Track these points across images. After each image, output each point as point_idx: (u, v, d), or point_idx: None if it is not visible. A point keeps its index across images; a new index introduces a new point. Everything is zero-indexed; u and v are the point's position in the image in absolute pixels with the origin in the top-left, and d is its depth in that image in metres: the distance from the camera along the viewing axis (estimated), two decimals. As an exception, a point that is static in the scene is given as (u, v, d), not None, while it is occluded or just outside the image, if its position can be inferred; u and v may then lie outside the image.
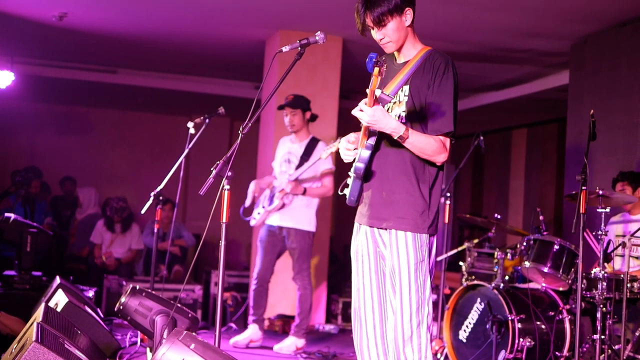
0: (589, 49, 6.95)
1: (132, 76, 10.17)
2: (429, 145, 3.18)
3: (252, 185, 6.23)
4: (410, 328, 3.21)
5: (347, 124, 3.59)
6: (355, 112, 3.12)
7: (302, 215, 6.04)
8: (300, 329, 6.05)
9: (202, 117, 5.47)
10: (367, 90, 3.07)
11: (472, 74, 9.00)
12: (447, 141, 3.24)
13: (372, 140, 3.23)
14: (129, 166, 12.13)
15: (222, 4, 6.82)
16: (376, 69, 2.98)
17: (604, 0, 6.11)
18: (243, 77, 10.14)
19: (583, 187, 4.41)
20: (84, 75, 9.91)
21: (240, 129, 3.31)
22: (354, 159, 3.26)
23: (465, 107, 10.54)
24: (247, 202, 6.21)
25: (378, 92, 3.16)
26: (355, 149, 3.27)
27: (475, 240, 6.28)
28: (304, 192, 5.97)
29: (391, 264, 3.26)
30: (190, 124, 5.51)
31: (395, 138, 3.14)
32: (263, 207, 6.11)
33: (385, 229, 3.28)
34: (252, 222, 6.23)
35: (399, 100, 3.29)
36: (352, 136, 3.33)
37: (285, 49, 3.33)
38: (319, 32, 3.30)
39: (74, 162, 11.42)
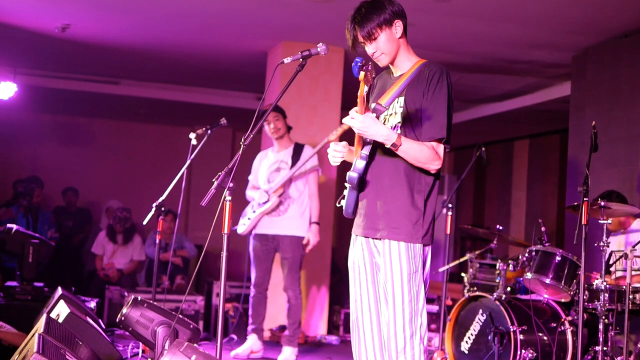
0: (590, 60, 6.96)
1: (134, 87, 10.19)
2: (422, 153, 3.16)
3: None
4: (403, 339, 3.19)
5: (349, 135, 3.60)
6: (346, 120, 3.13)
7: (295, 224, 6.02)
8: (294, 338, 6.05)
9: (204, 128, 5.47)
10: (358, 99, 3.08)
11: (475, 85, 9.01)
12: (441, 148, 3.22)
13: (366, 150, 3.22)
14: (131, 177, 12.13)
15: (225, 15, 6.84)
16: (362, 74, 3.00)
17: (604, 12, 6.13)
18: (245, 88, 10.17)
19: (585, 199, 4.41)
20: (86, 87, 9.93)
21: (242, 140, 3.31)
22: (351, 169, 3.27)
23: (467, 118, 10.53)
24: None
25: (373, 105, 3.17)
26: (342, 155, 3.27)
27: (477, 252, 6.28)
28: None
29: (384, 274, 3.25)
30: (192, 135, 5.50)
31: (388, 146, 3.13)
32: (253, 211, 6.02)
33: (380, 239, 3.28)
34: (241, 230, 6.14)
35: (395, 112, 3.29)
36: (345, 143, 3.32)
37: (287, 60, 3.33)
38: (321, 43, 3.31)
39: (76, 172, 11.43)
